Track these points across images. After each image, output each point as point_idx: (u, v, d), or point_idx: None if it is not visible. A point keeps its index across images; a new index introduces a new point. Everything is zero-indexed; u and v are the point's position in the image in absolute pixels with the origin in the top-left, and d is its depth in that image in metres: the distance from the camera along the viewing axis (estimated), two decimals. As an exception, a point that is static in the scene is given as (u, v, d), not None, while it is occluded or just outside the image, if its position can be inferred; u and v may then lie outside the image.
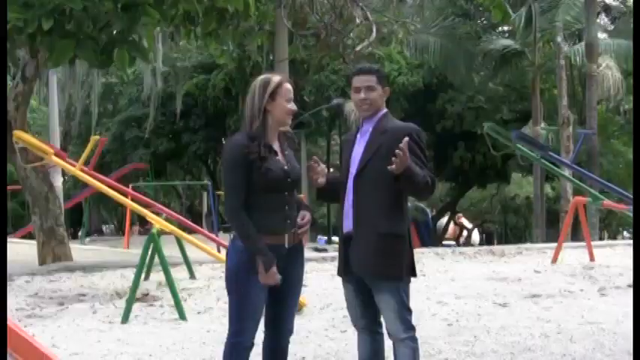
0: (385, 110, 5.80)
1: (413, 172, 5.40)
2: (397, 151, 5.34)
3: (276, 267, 5.35)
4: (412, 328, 5.66)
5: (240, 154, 5.42)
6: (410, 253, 5.65)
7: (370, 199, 5.56)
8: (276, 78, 5.59)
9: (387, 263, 5.52)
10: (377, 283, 5.58)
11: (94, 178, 12.63)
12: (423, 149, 5.62)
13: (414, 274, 5.70)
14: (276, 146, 5.58)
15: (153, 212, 12.63)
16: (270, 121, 5.53)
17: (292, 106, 5.58)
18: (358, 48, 24.02)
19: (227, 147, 5.60)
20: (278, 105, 5.52)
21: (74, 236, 33.98)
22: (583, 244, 14.78)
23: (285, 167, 5.53)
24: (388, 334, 5.70)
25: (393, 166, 5.34)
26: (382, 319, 5.74)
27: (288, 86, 5.58)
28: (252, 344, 5.52)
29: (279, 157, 5.56)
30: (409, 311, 5.66)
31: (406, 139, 5.38)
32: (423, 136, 5.72)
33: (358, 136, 5.79)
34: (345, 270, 5.76)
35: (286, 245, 5.53)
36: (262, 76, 5.66)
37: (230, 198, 5.48)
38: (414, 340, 5.66)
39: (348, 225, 5.68)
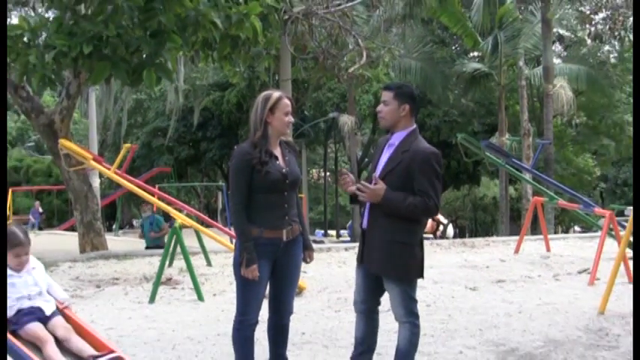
0: (413, 127, 5.61)
1: (389, 203, 5.36)
2: (359, 185, 5.41)
3: (257, 265, 5.37)
4: (413, 315, 5.58)
5: (243, 160, 5.44)
6: (419, 259, 5.52)
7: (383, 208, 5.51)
8: (276, 94, 5.57)
9: (393, 267, 5.44)
10: (386, 277, 5.55)
11: (126, 179, 12.62)
12: (438, 173, 5.43)
13: (422, 276, 5.58)
14: (277, 152, 5.58)
15: (175, 209, 12.62)
16: (270, 131, 5.53)
17: (289, 118, 5.56)
18: (351, 70, 23.94)
19: (234, 154, 5.59)
20: (277, 118, 5.51)
21: (109, 229, 33.90)
22: (541, 237, 14.79)
23: (284, 170, 5.51)
24: (394, 315, 5.67)
25: (363, 195, 5.41)
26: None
27: (287, 101, 5.55)
28: (257, 321, 5.53)
29: (280, 161, 5.55)
30: (413, 300, 5.59)
31: (357, 185, 5.44)
32: (440, 160, 5.54)
33: (387, 146, 5.66)
34: (360, 258, 5.73)
35: (284, 239, 5.52)
36: (264, 93, 5.66)
37: (234, 197, 5.50)
38: (414, 325, 5.59)
39: (365, 223, 5.65)
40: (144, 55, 11.89)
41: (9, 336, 4.89)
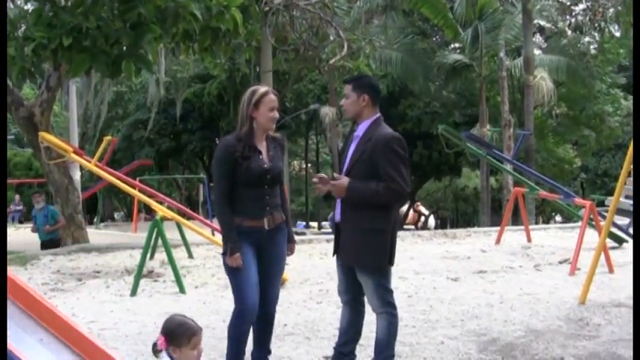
0: (376, 117, 5.62)
1: (353, 193, 5.45)
2: (314, 179, 5.59)
3: (240, 254, 5.46)
4: (389, 305, 5.63)
5: (227, 152, 5.54)
6: (388, 246, 5.54)
7: None
8: (262, 89, 5.64)
9: (366, 255, 5.48)
10: (359, 269, 5.58)
11: (107, 172, 12.57)
12: (401, 157, 5.43)
13: (391, 263, 5.62)
14: (262, 147, 5.64)
15: (157, 201, 12.60)
16: (255, 126, 5.58)
17: (274, 114, 5.60)
18: (332, 61, 24.03)
19: (219, 145, 5.71)
20: (261, 113, 5.57)
21: (90, 222, 33.75)
22: (522, 227, 14.84)
23: (266, 166, 5.59)
24: (370, 306, 5.70)
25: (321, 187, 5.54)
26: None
27: (272, 97, 5.59)
28: (257, 310, 5.56)
29: (263, 156, 5.61)
30: (388, 291, 5.64)
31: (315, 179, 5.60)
32: (402, 144, 5.49)
33: (354, 137, 5.72)
34: (336, 251, 5.77)
35: (266, 227, 5.61)
36: (252, 88, 5.73)
37: (216, 188, 5.64)
38: (391, 314, 5.63)
39: (338, 216, 5.69)
40: (124, 47, 11.85)
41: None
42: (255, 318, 5.60)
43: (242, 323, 5.58)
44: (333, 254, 5.83)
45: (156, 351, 4.18)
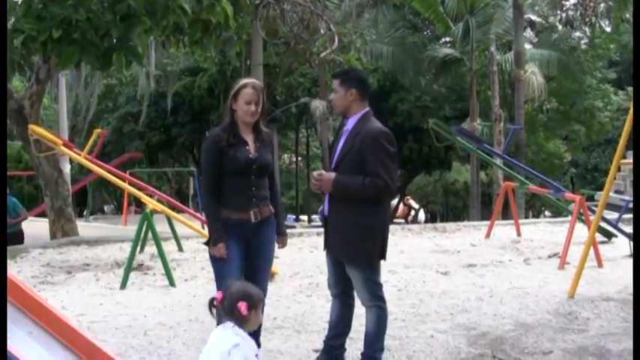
0: (365, 111, 5.61)
1: (339, 189, 5.48)
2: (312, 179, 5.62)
3: (224, 244, 5.55)
4: (379, 299, 5.64)
5: (213, 142, 5.65)
6: (379, 242, 5.54)
7: None
8: (242, 82, 5.73)
9: (354, 250, 5.49)
10: (347, 263, 5.59)
11: (97, 165, 12.56)
12: (388, 152, 5.41)
13: (384, 258, 5.63)
14: (248, 138, 5.70)
15: (147, 194, 12.58)
16: (236, 118, 5.67)
17: (251, 107, 5.64)
18: (322, 55, 23.98)
19: (207, 137, 5.80)
20: (239, 106, 5.65)
21: (80, 215, 33.65)
22: (511, 221, 14.86)
23: (251, 156, 5.65)
24: (360, 300, 5.72)
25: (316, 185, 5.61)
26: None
27: (249, 90, 5.63)
28: None
29: (249, 147, 5.68)
30: (377, 284, 5.65)
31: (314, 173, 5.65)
32: (391, 139, 5.48)
33: (343, 131, 5.72)
34: (326, 245, 5.78)
35: (252, 220, 5.65)
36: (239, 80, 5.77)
37: (204, 179, 5.73)
38: (380, 308, 5.65)
39: (326, 209, 5.69)
40: (114, 40, 11.82)
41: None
42: None
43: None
44: (324, 248, 5.84)
45: (239, 318, 4.20)
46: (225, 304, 4.24)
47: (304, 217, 40.58)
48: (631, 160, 14.95)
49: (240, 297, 4.23)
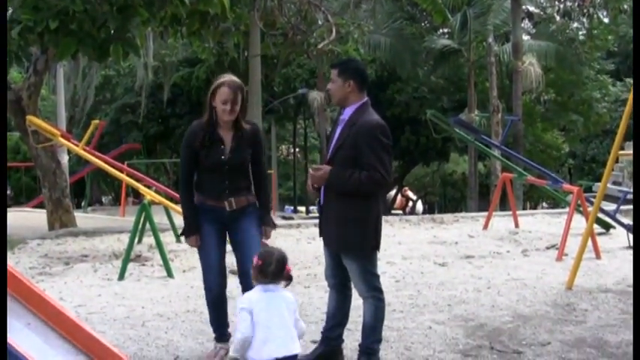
0: (362, 101, 5.58)
1: (334, 183, 5.49)
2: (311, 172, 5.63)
3: (198, 235, 5.81)
4: (376, 289, 5.64)
5: (189, 139, 5.79)
6: (374, 233, 5.56)
7: None
8: (218, 80, 5.77)
9: (348, 243, 5.51)
10: (343, 254, 5.59)
11: (95, 156, 12.57)
12: (384, 145, 5.40)
13: (377, 249, 5.64)
14: (227, 136, 5.77)
15: (144, 185, 12.58)
16: (216, 116, 5.73)
17: (226, 107, 5.66)
18: (320, 46, 23.92)
19: (188, 129, 5.88)
20: (217, 104, 5.69)
21: (78, 206, 33.62)
22: (509, 213, 14.86)
23: (224, 157, 5.74)
24: (357, 291, 5.72)
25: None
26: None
27: (225, 89, 5.66)
28: (212, 288, 5.92)
29: (224, 146, 5.76)
30: (374, 275, 5.65)
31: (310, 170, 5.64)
32: (386, 131, 5.46)
33: (340, 122, 5.69)
34: (321, 234, 5.79)
35: (227, 208, 5.79)
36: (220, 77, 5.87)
37: (180, 169, 5.94)
38: (377, 299, 5.65)
39: (322, 199, 5.70)
40: (111, 31, 11.79)
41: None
42: (215, 298, 5.96)
43: (207, 299, 6.03)
44: (320, 235, 5.84)
45: (289, 279, 4.96)
46: (272, 268, 4.78)
47: (302, 208, 40.58)
48: (629, 152, 14.91)
49: (286, 261, 4.85)
